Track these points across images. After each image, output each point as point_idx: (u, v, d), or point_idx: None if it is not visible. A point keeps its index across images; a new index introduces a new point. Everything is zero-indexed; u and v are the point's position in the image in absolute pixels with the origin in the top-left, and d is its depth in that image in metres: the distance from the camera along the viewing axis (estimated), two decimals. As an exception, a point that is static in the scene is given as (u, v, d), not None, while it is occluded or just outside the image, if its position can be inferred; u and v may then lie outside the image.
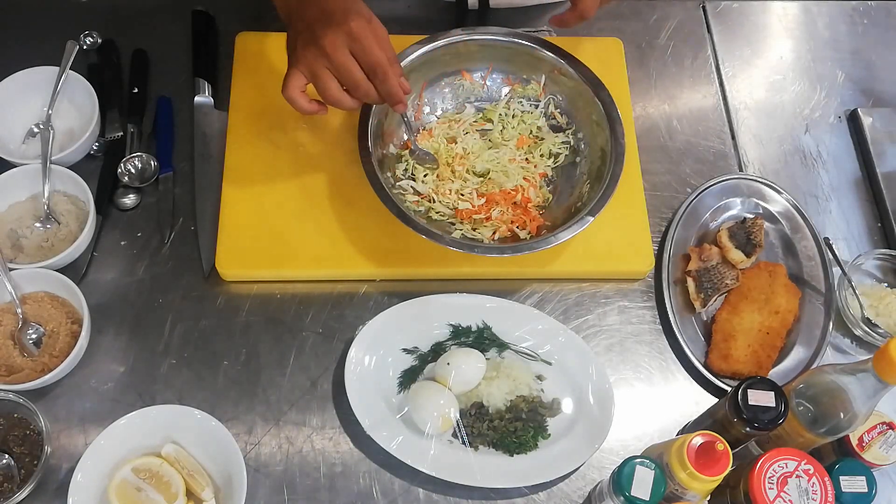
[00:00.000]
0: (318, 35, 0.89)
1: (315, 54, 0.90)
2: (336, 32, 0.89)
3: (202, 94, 1.16)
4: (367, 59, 0.90)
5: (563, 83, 1.14)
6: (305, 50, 0.90)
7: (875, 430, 0.99)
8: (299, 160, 1.12)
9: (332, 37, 0.89)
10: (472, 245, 1.02)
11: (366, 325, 1.03)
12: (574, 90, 1.13)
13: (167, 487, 0.93)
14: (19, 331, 1.00)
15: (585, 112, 1.12)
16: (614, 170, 1.05)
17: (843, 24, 1.35)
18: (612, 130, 1.08)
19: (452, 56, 1.14)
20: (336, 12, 0.90)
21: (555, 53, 1.12)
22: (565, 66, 1.12)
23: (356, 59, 0.90)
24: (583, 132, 1.14)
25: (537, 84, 1.16)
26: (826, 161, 1.24)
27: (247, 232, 1.07)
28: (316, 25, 0.90)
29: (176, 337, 1.04)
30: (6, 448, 0.96)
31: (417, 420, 0.98)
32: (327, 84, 0.91)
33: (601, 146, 1.09)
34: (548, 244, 1.01)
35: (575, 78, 1.12)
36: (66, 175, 1.07)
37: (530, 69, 1.15)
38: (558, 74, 1.13)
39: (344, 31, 0.89)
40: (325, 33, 0.89)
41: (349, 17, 0.90)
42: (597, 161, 1.10)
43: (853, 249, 1.18)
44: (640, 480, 0.88)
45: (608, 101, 1.09)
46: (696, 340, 1.09)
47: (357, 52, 0.90)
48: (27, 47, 1.16)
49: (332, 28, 0.89)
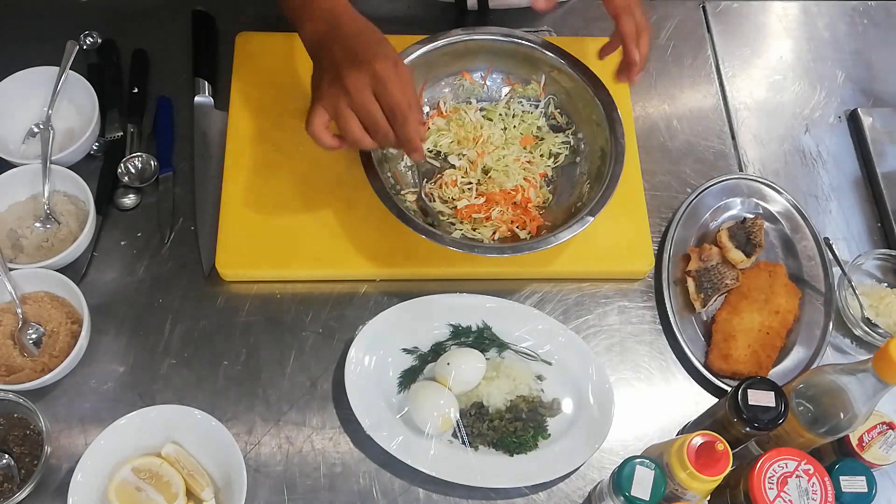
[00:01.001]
0: (342, 74, 0.90)
1: (338, 93, 0.90)
2: (360, 73, 0.89)
3: (202, 94, 1.16)
4: (388, 101, 0.90)
5: (563, 83, 1.14)
6: (330, 88, 0.91)
7: (875, 430, 0.99)
8: (299, 160, 1.12)
9: (356, 77, 0.89)
10: (472, 245, 1.02)
11: (366, 325, 1.03)
12: (574, 90, 1.13)
13: (167, 487, 0.93)
14: (19, 331, 1.00)
15: (585, 112, 1.12)
16: (614, 170, 1.05)
17: (843, 24, 1.35)
18: (611, 130, 1.08)
19: (452, 56, 1.13)
20: (362, 53, 0.91)
21: (554, 53, 1.12)
22: (565, 66, 1.12)
23: (378, 100, 0.91)
24: (583, 132, 1.14)
25: (537, 84, 1.16)
26: (826, 161, 1.24)
27: (247, 232, 1.07)
28: (342, 65, 0.90)
29: (176, 337, 1.04)
30: (6, 448, 0.96)
31: (417, 420, 0.98)
32: (349, 123, 0.91)
33: (601, 146, 1.09)
34: (548, 244, 1.01)
35: (575, 78, 1.12)
36: (66, 175, 1.07)
37: (530, 69, 1.15)
38: (558, 74, 1.13)
39: (368, 72, 0.89)
40: (350, 73, 0.90)
41: (375, 59, 0.90)
42: (597, 161, 1.10)
43: (853, 249, 1.18)
44: (640, 480, 0.88)
45: (608, 101, 1.09)
46: (696, 340, 1.09)
47: (379, 93, 0.90)
48: (27, 47, 1.16)
49: (357, 68, 0.90)
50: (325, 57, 0.93)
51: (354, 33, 0.94)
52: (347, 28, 0.94)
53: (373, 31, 0.95)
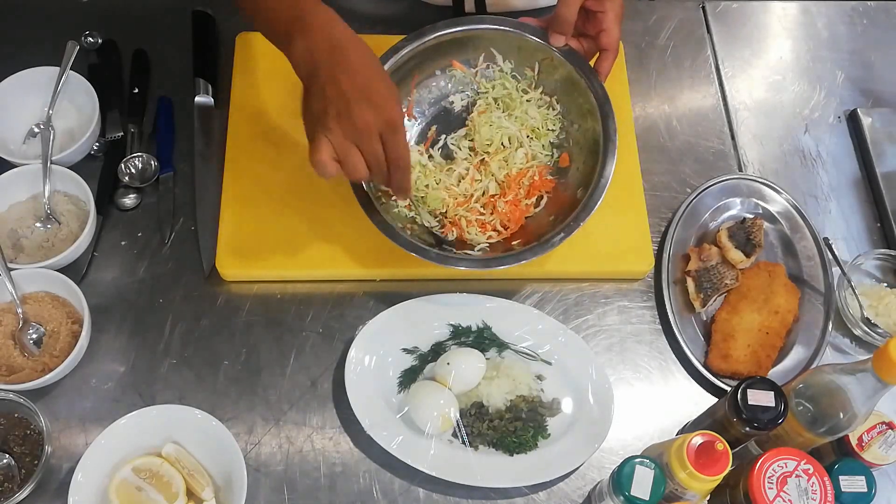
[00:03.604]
0: (353, 112, 0.87)
1: (348, 131, 0.88)
2: (374, 117, 0.87)
3: (202, 94, 1.16)
4: (395, 151, 0.90)
5: (558, 72, 1.11)
6: (338, 123, 0.87)
7: (874, 430, 0.99)
8: (299, 160, 1.11)
9: (370, 120, 0.87)
10: (457, 259, 1.01)
11: (366, 325, 1.03)
12: (567, 79, 1.10)
13: (167, 487, 0.93)
14: (20, 331, 1.00)
15: (578, 102, 1.09)
16: (606, 170, 1.03)
17: (842, 25, 1.36)
18: (604, 125, 1.05)
19: (445, 48, 1.11)
20: (374, 95, 0.88)
21: (545, 41, 1.08)
22: (557, 54, 1.08)
23: (384, 146, 0.90)
24: (576, 124, 1.11)
25: (531, 71, 1.13)
26: (826, 161, 1.24)
27: (247, 232, 1.07)
28: (354, 101, 0.87)
29: (176, 337, 1.04)
30: (6, 448, 0.96)
31: (417, 420, 0.98)
32: (358, 163, 0.89)
33: (593, 139, 1.07)
34: (534, 255, 1.00)
35: (568, 66, 1.08)
36: (66, 175, 1.07)
37: (524, 57, 1.12)
38: (551, 63, 1.10)
39: (382, 117, 0.88)
40: (363, 114, 0.87)
41: (388, 105, 0.89)
42: (590, 160, 1.08)
43: (853, 249, 1.18)
44: (639, 480, 0.88)
45: (601, 93, 1.06)
46: (696, 340, 1.09)
47: (387, 140, 0.89)
48: (28, 47, 1.16)
49: (371, 110, 0.87)
50: (327, 84, 0.88)
51: (360, 63, 0.90)
52: (351, 54, 0.90)
53: (376, 62, 0.92)
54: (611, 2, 1.01)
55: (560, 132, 1.13)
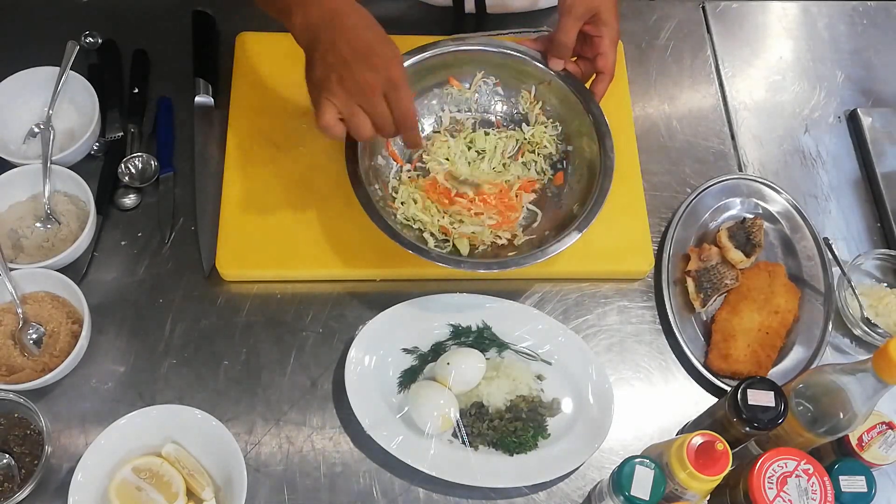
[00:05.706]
0: (354, 74, 0.89)
1: (352, 93, 0.90)
2: (375, 75, 0.89)
3: (202, 94, 1.16)
4: (400, 108, 0.91)
5: (554, 94, 1.12)
6: (341, 86, 0.90)
7: (874, 430, 0.99)
8: (299, 160, 1.12)
9: (371, 79, 0.89)
10: (458, 260, 1.01)
11: (366, 325, 1.03)
12: (564, 102, 1.11)
13: (167, 487, 0.93)
14: (20, 331, 1.00)
15: (575, 124, 1.11)
16: (603, 184, 1.04)
17: (842, 25, 1.36)
18: (601, 145, 1.06)
19: (442, 65, 1.12)
20: (374, 54, 0.90)
21: (545, 65, 1.10)
22: (555, 78, 1.10)
23: (389, 104, 0.91)
24: (573, 144, 1.13)
25: (528, 93, 1.14)
26: (826, 161, 1.24)
27: (247, 232, 1.07)
28: (352, 63, 0.89)
29: (176, 337, 1.04)
30: (6, 448, 0.96)
31: (417, 420, 0.98)
32: (364, 123, 0.91)
33: (590, 159, 1.08)
34: (534, 259, 1.00)
35: (565, 90, 1.10)
36: (66, 175, 1.07)
37: (520, 79, 1.13)
38: (548, 87, 1.12)
39: (383, 76, 0.89)
40: (364, 75, 0.89)
41: (389, 63, 0.90)
42: (585, 174, 1.08)
43: (853, 249, 1.18)
44: (639, 480, 0.88)
45: (598, 115, 1.08)
46: (696, 340, 1.09)
47: (391, 98, 0.91)
48: (27, 47, 1.16)
49: (371, 70, 0.89)
50: (327, 51, 0.90)
51: (359, 27, 0.92)
52: (349, 20, 0.92)
53: (376, 25, 0.93)
54: (607, 27, 1.04)
55: (557, 152, 1.14)
